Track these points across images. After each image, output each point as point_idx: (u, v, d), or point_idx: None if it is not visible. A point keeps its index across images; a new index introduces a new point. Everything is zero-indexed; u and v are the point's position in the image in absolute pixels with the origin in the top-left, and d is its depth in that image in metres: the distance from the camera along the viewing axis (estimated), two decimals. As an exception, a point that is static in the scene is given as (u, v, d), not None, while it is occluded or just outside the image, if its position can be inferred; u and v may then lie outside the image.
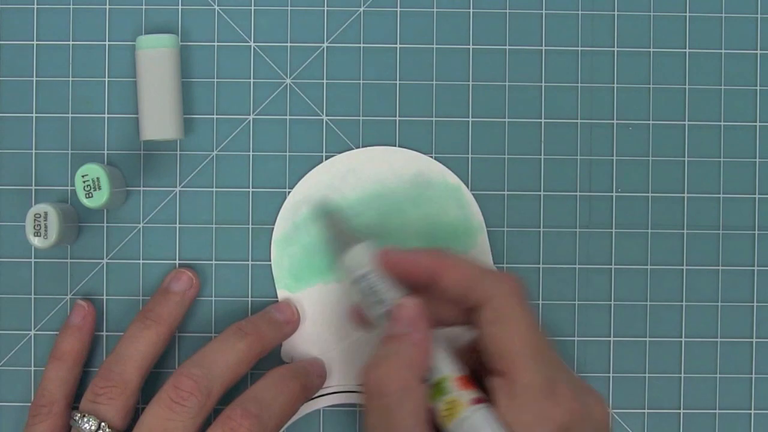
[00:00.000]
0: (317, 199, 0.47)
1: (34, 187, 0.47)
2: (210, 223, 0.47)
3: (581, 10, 0.48)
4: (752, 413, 0.48)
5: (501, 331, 0.38)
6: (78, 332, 0.46)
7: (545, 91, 0.48)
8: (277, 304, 0.47)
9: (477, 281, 0.39)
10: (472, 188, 0.47)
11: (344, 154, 0.47)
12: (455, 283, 0.39)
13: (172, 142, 0.47)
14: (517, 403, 0.37)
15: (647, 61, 0.48)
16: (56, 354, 0.45)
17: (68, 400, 0.45)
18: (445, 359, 0.39)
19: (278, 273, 0.47)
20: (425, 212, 0.47)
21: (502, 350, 0.38)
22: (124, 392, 0.43)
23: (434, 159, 0.47)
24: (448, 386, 0.38)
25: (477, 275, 0.39)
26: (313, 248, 0.47)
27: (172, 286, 0.46)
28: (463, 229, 0.47)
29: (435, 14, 0.48)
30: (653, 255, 0.48)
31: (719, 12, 0.48)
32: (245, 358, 0.43)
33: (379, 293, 0.41)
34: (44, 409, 0.44)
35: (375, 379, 0.38)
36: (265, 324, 0.45)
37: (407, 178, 0.47)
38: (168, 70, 0.45)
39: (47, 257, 0.47)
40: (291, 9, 0.48)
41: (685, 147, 0.48)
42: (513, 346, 0.38)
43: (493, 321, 0.38)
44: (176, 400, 0.41)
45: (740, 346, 0.48)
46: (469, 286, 0.39)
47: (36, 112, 0.47)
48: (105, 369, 0.43)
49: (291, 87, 0.48)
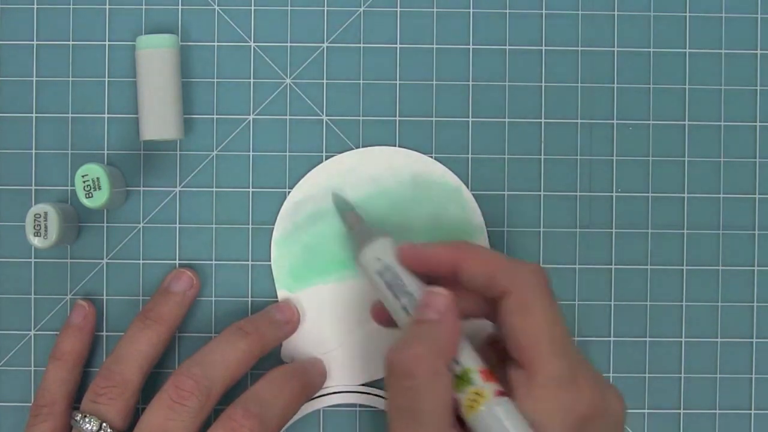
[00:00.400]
0: (338, 193, 0.47)
1: (34, 187, 0.47)
2: (210, 223, 0.47)
3: (581, 10, 0.48)
4: (752, 413, 0.48)
5: (524, 321, 0.38)
6: (79, 332, 0.46)
7: (545, 91, 0.48)
8: (277, 304, 0.47)
9: (500, 271, 0.39)
10: (472, 188, 0.47)
11: (344, 154, 0.47)
12: (478, 274, 0.39)
13: (172, 142, 0.47)
14: (538, 394, 0.37)
15: (647, 61, 0.48)
16: (57, 354, 0.45)
17: (69, 400, 0.45)
18: (469, 351, 0.39)
19: (278, 273, 0.47)
20: (425, 212, 0.47)
21: (525, 341, 0.37)
22: (125, 392, 0.43)
23: (434, 159, 0.47)
24: (472, 378, 0.38)
25: (500, 265, 0.39)
26: (313, 248, 0.47)
27: (172, 286, 0.46)
28: (463, 230, 0.47)
29: (435, 14, 0.48)
30: (653, 255, 0.48)
31: (719, 12, 0.48)
32: (246, 358, 0.43)
33: (404, 285, 0.41)
34: (45, 409, 0.44)
35: (404, 360, 0.37)
36: (265, 324, 0.45)
37: (407, 179, 0.47)
38: (168, 70, 0.45)
39: (47, 257, 0.47)
40: (291, 9, 0.48)
41: (685, 147, 0.48)
42: (536, 336, 0.37)
43: (516, 311, 0.38)
44: (177, 400, 0.41)
45: (740, 346, 0.48)
46: (492, 275, 0.39)
47: (36, 112, 0.47)
48: (105, 369, 0.43)
49: (291, 87, 0.48)
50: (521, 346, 0.38)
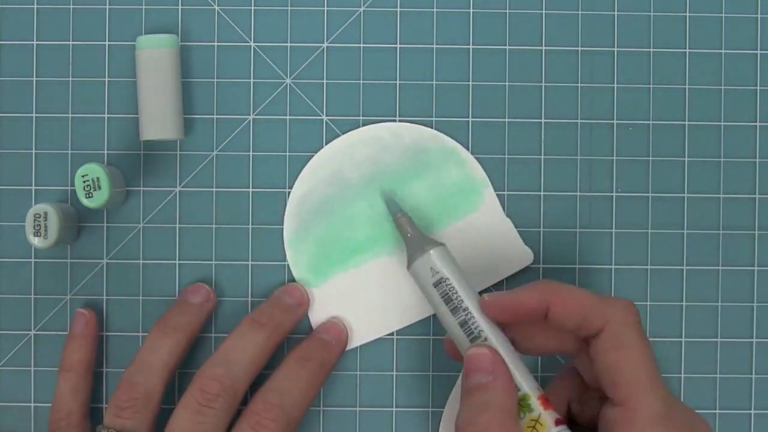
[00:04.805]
0: (388, 192, 0.46)
1: (34, 187, 0.47)
2: (210, 223, 0.47)
3: (581, 10, 0.48)
4: (752, 413, 0.48)
5: (620, 359, 0.38)
6: (83, 341, 0.46)
7: (545, 91, 0.48)
8: (285, 287, 0.46)
9: (592, 309, 0.39)
10: (472, 188, 0.48)
11: (333, 142, 0.47)
12: (569, 315, 0.39)
13: (172, 142, 0.47)
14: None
15: (647, 61, 0.48)
16: (65, 365, 0.45)
17: (84, 409, 0.45)
18: (526, 376, 0.39)
19: (297, 272, 0.47)
20: (427, 180, 0.47)
21: (622, 378, 0.37)
22: (149, 404, 0.42)
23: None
24: (531, 403, 0.39)
25: (592, 303, 0.39)
26: (324, 241, 0.47)
27: (189, 297, 0.46)
28: (467, 188, 0.47)
29: (435, 14, 0.48)
30: (653, 255, 0.48)
31: (719, 12, 0.48)
32: (265, 349, 0.44)
33: (461, 301, 0.41)
34: (63, 422, 0.44)
35: (477, 430, 0.37)
36: (278, 311, 0.45)
37: (402, 150, 0.47)
38: (168, 70, 0.45)
39: (47, 257, 0.47)
40: (291, 9, 0.48)
41: (685, 147, 0.48)
42: (632, 374, 0.37)
43: (611, 348, 0.38)
44: (204, 404, 0.41)
45: (740, 346, 0.48)
46: (584, 315, 0.39)
47: (36, 112, 0.47)
48: (127, 381, 0.43)
49: (291, 87, 0.48)
50: (618, 384, 0.38)
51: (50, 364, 0.47)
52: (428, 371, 0.47)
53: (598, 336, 0.38)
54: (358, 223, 0.47)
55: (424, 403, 0.47)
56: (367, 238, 0.47)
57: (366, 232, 0.47)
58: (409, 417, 0.47)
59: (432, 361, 0.47)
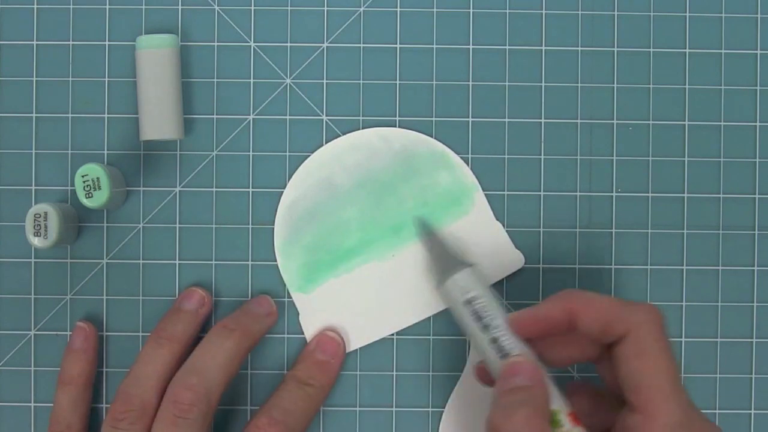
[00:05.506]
0: (421, 217, 0.47)
1: (34, 187, 0.47)
2: (210, 223, 0.47)
3: (581, 10, 0.48)
4: (752, 413, 0.48)
5: (642, 366, 0.38)
6: (83, 354, 0.46)
7: (545, 91, 0.48)
8: (254, 298, 0.47)
9: (617, 315, 0.39)
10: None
11: (324, 147, 0.47)
12: (594, 321, 0.39)
13: (172, 142, 0.47)
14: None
15: (647, 61, 0.48)
16: (65, 379, 0.45)
17: (83, 422, 0.45)
18: (555, 393, 0.39)
19: (288, 277, 0.47)
20: (416, 184, 0.47)
21: (642, 385, 0.38)
22: (144, 415, 0.42)
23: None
24: (561, 419, 0.39)
25: (616, 309, 0.39)
26: (315, 246, 0.47)
27: (184, 304, 0.46)
28: (457, 192, 0.47)
29: (435, 14, 0.48)
30: (653, 255, 0.48)
31: (719, 12, 0.48)
32: (236, 355, 0.44)
33: (492, 318, 0.41)
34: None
35: (513, 425, 0.37)
36: (247, 319, 0.45)
37: (392, 155, 0.47)
38: (168, 70, 0.45)
39: (47, 257, 0.47)
40: (291, 9, 0.48)
41: (685, 147, 0.48)
42: (654, 381, 0.38)
43: (633, 355, 0.38)
44: (179, 415, 0.41)
45: (740, 346, 0.48)
46: (609, 322, 0.39)
47: (36, 112, 0.47)
48: (123, 393, 0.43)
49: (291, 87, 0.48)
50: (638, 391, 0.38)
51: (50, 364, 0.47)
52: (428, 371, 0.47)
53: (622, 342, 0.38)
54: (349, 228, 0.47)
55: (424, 403, 0.47)
56: (359, 243, 0.47)
57: (357, 237, 0.47)
58: (409, 417, 0.47)
59: (432, 361, 0.47)
